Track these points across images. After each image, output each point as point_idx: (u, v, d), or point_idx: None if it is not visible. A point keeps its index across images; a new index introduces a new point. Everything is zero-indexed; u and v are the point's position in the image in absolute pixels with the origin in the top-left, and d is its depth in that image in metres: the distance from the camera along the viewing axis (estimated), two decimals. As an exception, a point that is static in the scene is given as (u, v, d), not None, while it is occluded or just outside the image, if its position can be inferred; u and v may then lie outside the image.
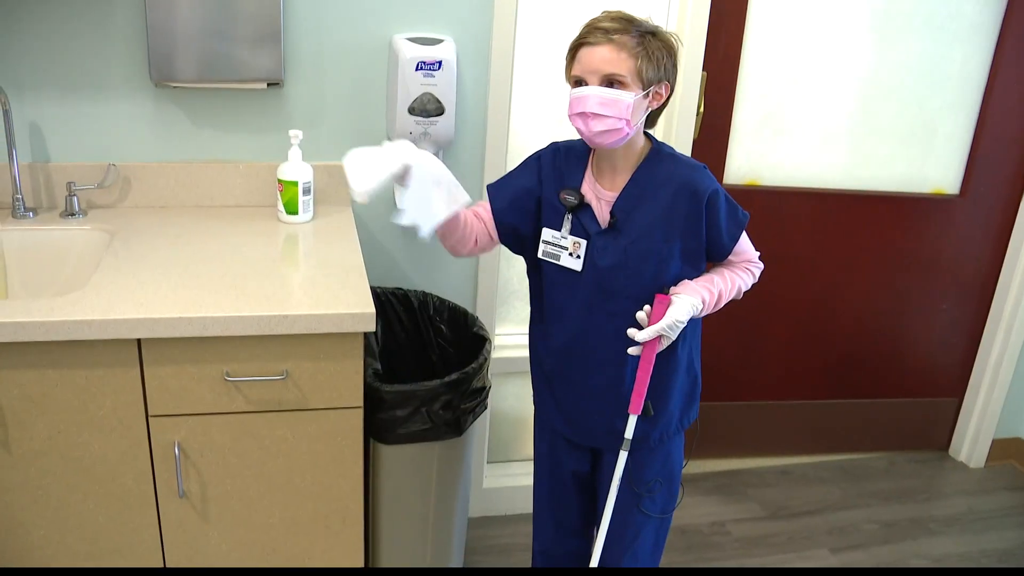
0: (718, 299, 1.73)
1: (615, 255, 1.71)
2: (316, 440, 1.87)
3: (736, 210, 1.73)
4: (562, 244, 1.76)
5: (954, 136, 2.92)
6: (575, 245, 1.74)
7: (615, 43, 1.56)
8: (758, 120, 2.75)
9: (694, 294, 1.68)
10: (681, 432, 1.91)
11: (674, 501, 1.94)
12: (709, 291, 1.71)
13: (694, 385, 1.90)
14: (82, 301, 1.70)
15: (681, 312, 1.65)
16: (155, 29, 2.05)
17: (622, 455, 1.78)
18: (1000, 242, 3.07)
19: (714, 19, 2.49)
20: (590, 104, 1.58)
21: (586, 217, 1.73)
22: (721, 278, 1.75)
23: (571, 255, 1.75)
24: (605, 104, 1.58)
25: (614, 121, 1.58)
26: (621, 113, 1.58)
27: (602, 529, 1.83)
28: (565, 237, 1.75)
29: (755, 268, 1.82)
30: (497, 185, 1.85)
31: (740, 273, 1.79)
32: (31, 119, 2.15)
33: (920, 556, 2.79)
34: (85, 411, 1.73)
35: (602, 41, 1.57)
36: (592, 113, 1.58)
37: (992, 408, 3.24)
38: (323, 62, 2.23)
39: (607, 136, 1.61)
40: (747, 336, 3.02)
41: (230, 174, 2.27)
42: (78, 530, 1.84)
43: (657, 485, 1.89)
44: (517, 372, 2.72)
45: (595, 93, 1.58)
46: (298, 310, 1.73)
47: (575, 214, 1.74)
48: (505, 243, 1.85)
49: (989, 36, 2.80)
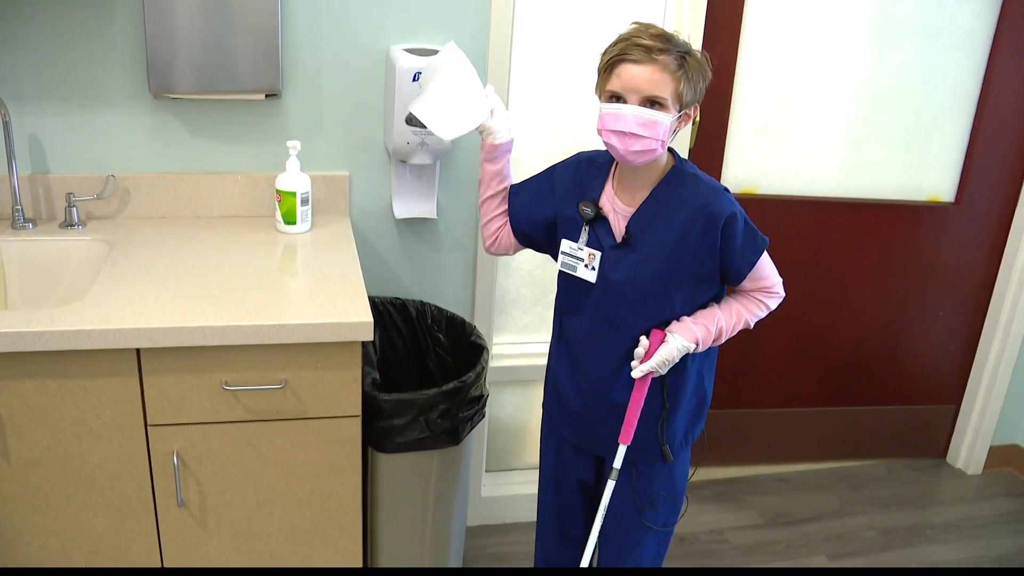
0: (717, 335, 1.73)
1: (626, 270, 1.71)
2: (314, 449, 1.87)
3: (755, 235, 1.72)
4: (578, 256, 1.77)
5: (949, 144, 2.93)
6: (591, 257, 1.75)
7: (659, 64, 1.54)
8: (754, 128, 2.76)
9: (688, 335, 1.69)
10: (686, 447, 1.91)
11: (676, 514, 1.94)
12: (707, 328, 1.71)
13: (702, 403, 1.90)
14: (81, 311, 1.71)
15: (671, 352, 1.67)
16: (154, 41, 2.06)
17: (609, 484, 1.79)
18: (996, 249, 3.08)
19: (710, 27, 2.50)
20: (628, 123, 1.57)
21: (602, 230, 1.74)
22: (726, 313, 1.75)
23: (586, 267, 1.76)
24: (644, 125, 1.57)
25: (651, 142, 1.58)
26: (659, 135, 1.58)
27: (590, 542, 1.84)
28: (581, 248, 1.76)
29: (770, 299, 1.79)
30: (515, 190, 1.89)
31: (750, 306, 1.78)
32: (31, 130, 2.16)
33: (918, 563, 2.79)
34: (84, 421, 1.74)
35: (645, 60, 1.54)
36: (630, 133, 1.57)
37: (989, 415, 3.24)
38: (321, 73, 2.24)
39: (641, 156, 1.61)
40: (744, 344, 3.02)
41: (228, 185, 2.28)
42: (77, 539, 1.84)
43: (661, 499, 1.89)
44: (515, 381, 2.72)
45: (635, 113, 1.56)
46: (296, 319, 1.74)
47: (592, 226, 1.74)
48: (524, 245, 1.91)
49: (983, 44, 2.81)
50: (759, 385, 3.11)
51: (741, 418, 3.15)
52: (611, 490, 1.80)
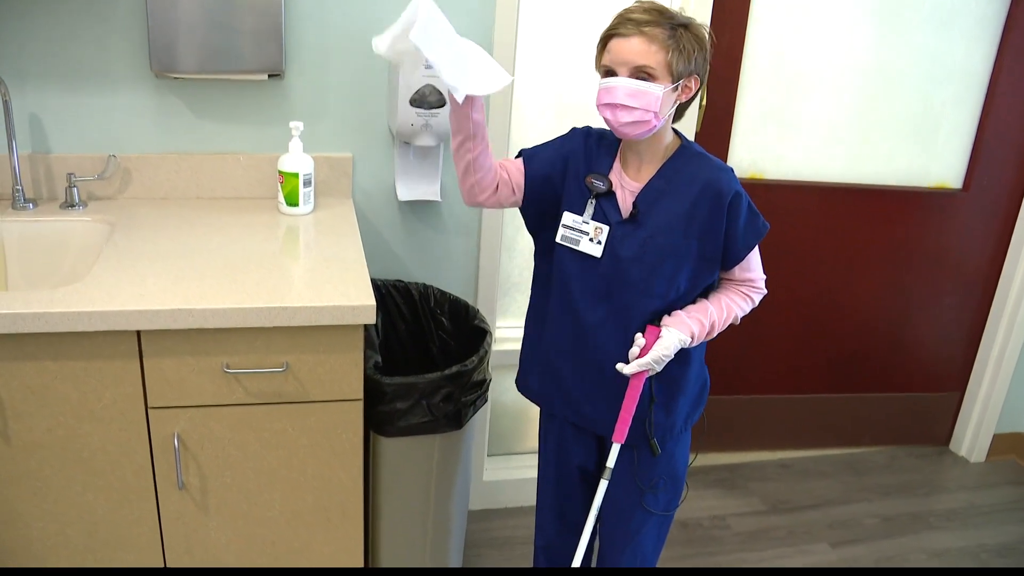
0: (710, 330, 1.73)
1: (634, 247, 1.70)
2: (316, 432, 1.86)
3: (757, 218, 1.72)
4: (583, 229, 1.75)
5: (958, 130, 2.91)
6: (597, 231, 1.73)
7: (646, 35, 1.56)
8: (761, 114, 2.74)
9: (683, 328, 1.69)
10: (686, 431, 1.91)
11: (678, 498, 1.94)
12: (700, 323, 1.71)
13: (703, 389, 1.91)
14: (82, 293, 1.70)
15: (668, 347, 1.67)
16: (156, 20, 2.04)
17: (602, 484, 1.79)
18: (1003, 237, 3.07)
19: (717, 12, 2.48)
20: (619, 95, 1.58)
21: (609, 205, 1.73)
22: (717, 307, 1.74)
23: (592, 240, 1.74)
24: (633, 95, 1.58)
25: (642, 113, 1.59)
26: (649, 105, 1.58)
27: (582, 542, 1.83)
28: (587, 222, 1.74)
29: (755, 294, 1.80)
30: (532, 152, 1.82)
31: (738, 300, 1.78)
32: (31, 110, 2.15)
33: (921, 551, 2.79)
34: (85, 403, 1.73)
35: (633, 33, 1.57)
36: (620, 104, 1.59)
37: (993, 403, 3.24)
38: (324, 53, 2.22)
39: (634, 127, 1.61)
40: (749, 330, 3.01)
41: (231, 166, 2.27)
42: (77, 522, 1.84)
43: (662, 483, 1.89)
44: (518, 365, 2.71)
45: (624, 84, 1.58)
46: (298, 302, 1.73)
47: (599, 200, 1.73)
48: (526, 212, 1.84)
49: (993, 30, 2.78)
50: (763, 371, 3.10)
51: (745, 404, 3.14)
52: (603, 490, 1.80)
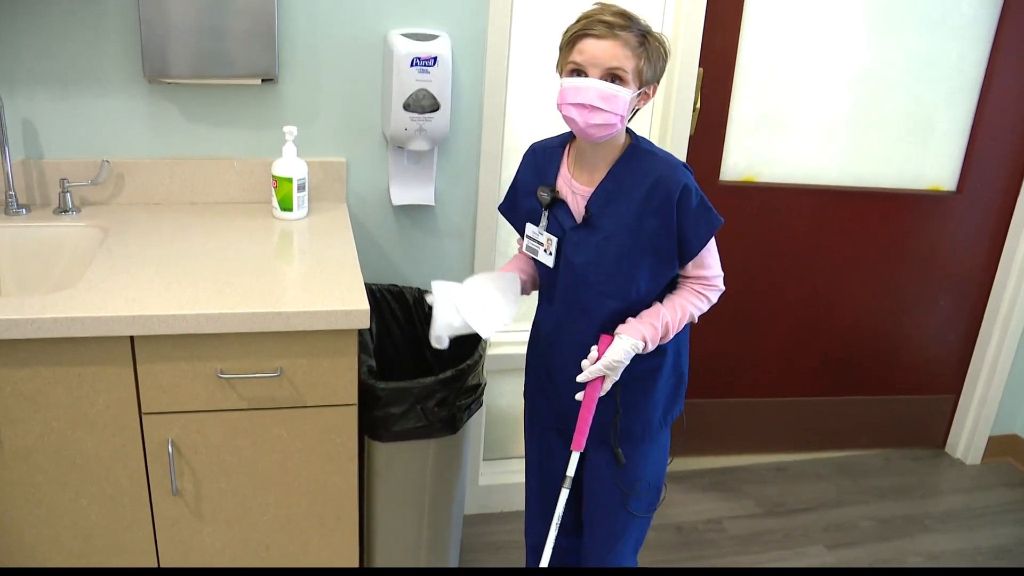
0: (664, 332, 1.72)
1: (589, 251, 1.71)
2: (310, 437, 1.86)
3: (709, 212, 1.70)
4: (539, 240, 1.78)
5: (951, 132, 2.91)
6: (548, 242, 1.76)
7: (620, 39, 1.56)
8: (755, 116, 2.74)
9: (635, 333, 1.68)
10: (665, 427, 1.91)
11: (658, 499, 1.94)
12: (653, 327, 1.70)
13: (679, 384, 1.90)
14: (75, 298, 1.69)
15: (619, 353, 1.67)
16: (148, 24, 2.04)
17: (563, 493, 1.79)
18: (997, 239, 3.07)
19: (710, 14, 2.48)
20: (589, 96, 1.58)
21: (562, 212, 1.75)
22: (670, 309, 1.73)
23: (546, 251, 1.77)
24: (605, 98, 1.58)
25: (611, 116, 1.59)
26: (618, 109, 1.59)
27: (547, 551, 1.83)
28: (541, 234, 1.78)
29: (712, 292, 1.77)
30: (506, 206, 1.92)
31: (693, 299, 1.76)
32: (24, 115, 2.14)
33: (916, 553, 2.79)
34: (78, 408, 1.72)
35: (607, 35, 1.57)
36: (591, 105, 1.58)
37: (989, 405, 3.24)
38: (318, 58, 2.22)
39: (600, 130, 1.61)
40: (743, 332, 3.02)
41: (224, 170, 2.26)
42: (71, 528, 1.83)
43: (645, 485, 1.89)
44: (513, 369, 2.71)
45: (596, 86, 1.58)
46: (292, 307, 1.72)
47: (551, 210, 1.75)
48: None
49: (986, 32, 2.79)
50: (757, 373, 3.10)
51: (739, 407, 3.14)
52: (564, 500, 1.79)
